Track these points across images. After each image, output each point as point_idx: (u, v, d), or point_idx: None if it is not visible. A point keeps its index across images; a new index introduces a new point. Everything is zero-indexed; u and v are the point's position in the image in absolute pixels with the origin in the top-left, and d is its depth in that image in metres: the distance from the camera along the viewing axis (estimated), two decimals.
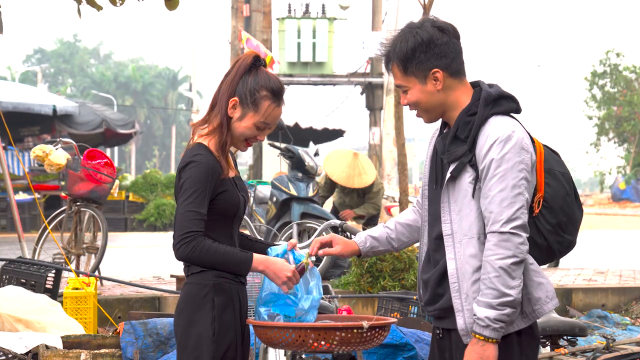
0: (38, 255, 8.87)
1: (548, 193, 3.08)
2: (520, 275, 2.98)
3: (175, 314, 3.33)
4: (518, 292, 2.97)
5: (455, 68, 3.10)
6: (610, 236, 21.23)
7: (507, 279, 2.95)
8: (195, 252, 3.14)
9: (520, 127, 3.08)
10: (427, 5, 8.11)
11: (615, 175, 43.63)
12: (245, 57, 3.35)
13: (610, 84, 43.44)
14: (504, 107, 3.09)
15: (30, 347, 6.09)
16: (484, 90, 3.10)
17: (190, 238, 3.14)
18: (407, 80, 3.12)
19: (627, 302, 9.28)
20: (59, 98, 24.44)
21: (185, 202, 3.17)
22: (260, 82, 3.30)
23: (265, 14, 23.39)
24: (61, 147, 8.97)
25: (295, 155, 9.72)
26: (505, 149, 2.99)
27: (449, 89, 3.10)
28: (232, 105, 3.30)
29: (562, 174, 3.12)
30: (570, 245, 3.15)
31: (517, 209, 2.97)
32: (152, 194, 22.95)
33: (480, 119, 3.05)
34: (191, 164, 3.22)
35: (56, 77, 70.82)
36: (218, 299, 3.26)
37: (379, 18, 23.55)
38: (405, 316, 6.63)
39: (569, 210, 3.11)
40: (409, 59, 3.09)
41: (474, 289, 3.03)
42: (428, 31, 3.08)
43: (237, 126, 3.31)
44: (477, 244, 3.04)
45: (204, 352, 3.22)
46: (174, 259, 3.24)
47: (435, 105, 3.12)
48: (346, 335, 3.19)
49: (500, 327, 2.98)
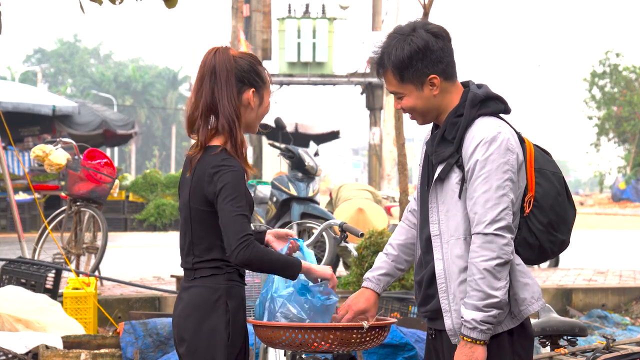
0: (38, 255, 8.88)
1: (539, 192, 3.09)
2: (506, 276, 2.99)
3: (180, 317, 3.27)
4: (504, 293, 2.98)
5: (450, 72, 3.13)
6: (610, 236, 21.23)
7: (492, 280, 2.96)
8: (255, 255, 3.11)
9: (508, 127, 3.09)
10: (427, 5, 8.10)
11: (616, 175, 43.61)
12: (218, 54, 3.26)
13: (610, 84, 43.41)
14: (492, 108, 3.11)
15: (30, 347, 6.09)
16: (471, 91, 3.12)
17: (248, 242, 3.11)
18: (403, 88, 3.13)
19: (627, 302, 9.29)
20: (59, 98, 24.43)
21: (234, 206, 3.13)
22: (249, 60, 3.28)
23: (265, 14, 23.39)
24: (61, 147, 8.97)
25: (295, 155, 9.72)
26: (490, 150, 3.00)
27: (445, 92, 3.13)
28: (252, 95, 3.26)
29: (553, 174, 3.14)
30: (563, 244, 3.15)
31: (501, 210, 2.98)
32: (152, 194, 22.94)
33: (467, 120, 3.07)
34: (225, 169, 3.17)
35: (56, 77, 70.77)
36: (231, 302, 3.23)
37: (379, 18, 23.55)
38: (405, 316, 6.64)
39: (561, 210, 3.12)
40: (405, 67, 3.09)
41: (461, 290, 3.05)
42: (423, 37, 3.08)
43: (260, 112, 3.31)
44: (463, 245, 3.06)
45: (218, 355, 3.20)
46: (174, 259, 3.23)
47: (431, 109, 3.15)
48: (346, 335, 3.19)
49: (487, 329, 2.99)
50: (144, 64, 74.81)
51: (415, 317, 6.59)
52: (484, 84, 3.18)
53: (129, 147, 55.41)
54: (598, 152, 44.54)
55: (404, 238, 3.39)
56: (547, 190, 3.10)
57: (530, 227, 3.09)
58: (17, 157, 19.64)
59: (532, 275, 3.11)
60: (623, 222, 27.77)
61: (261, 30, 23.03)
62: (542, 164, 3.13)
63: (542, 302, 3.11)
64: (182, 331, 3.26)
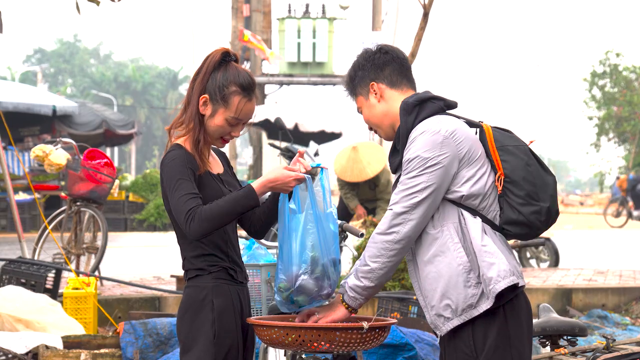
0: (38, 255, 8.88)
1: (507, 169, 3.17)
2: (392, 254, 3.11)
3: (177, 318, 3.33)
4: (381, 266, 3.13)
5: (394, 79, 3.28)
6: (610, 236, 21.23)
7: (375, 251, 3.14)
8: (203, 219, 3.12)
9: (444, 120, 3.17)
10: (427, 5, 8.09)
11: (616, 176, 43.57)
12: (214, 54, 3.33)
13: (610, 84, 43.38)
14: (429, 110, 3.21)
15: (30, 347, 6.09)
16: (402, 101, 3.24)
17: (190, 214, 3.12)
18: (358, 101, 3.36)
19: (627, 302, 9.29)
20: (59, 98, 24.42)
21: (173, 193, 3.17)
22: (229, 78, 3.29)
23: (265, 14, 23.40)
24: (61, 147, 8.96)
25: (295, 155, 9.70)
26: (415, 145, 3.12)
27: (390, 100, 3.28)
28: (202, 102, 3.30)
29: (515, 147, 3.21)
30: (550, 213, 3.18)
31: (409, 194, 3.10)
32: (152, 194, 22.94)
33: (405, 128, 3.19)
34: (165, 162, 3.24)
35: (56, 77, 70.76)
36: (217, 300, 3.26)
37: (379, 18, 23.55)
38: (405, 316, 6.64)
39: (535, 179, 3.17)
40: (352, 79, 3.34)
41: (428, 284, 3.17)
42: (363, 54, 3.33)
43: (210, 123, 3.31)
44: (423, 243, 3.17)
45: (205, 354, 3.22)
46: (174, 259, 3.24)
47: (380, 117, 3.29)
48: (346, 335, 3.19)
49: (353, 297, 3.19)
50: (144, 64, 74.80)
51: (415, 317, 6.59)
52: (423, 91, 3.30)
53: (129, 147, 55.39)
54: (598, 152, 44.50)
55: None
56: (514, 165, 3.17)
57: (510, 203, 3.16)
58: (17, 157, 19.65)
59: (501, 256, 3.11)
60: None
61: (261, 30, 23.04)
62: (502, 142, 3.21)
63: (511, 278, 3.10)
64: (177, 331, 3.33)
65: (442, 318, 3.15)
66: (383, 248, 3.12)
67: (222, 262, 3.30)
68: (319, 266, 3.23)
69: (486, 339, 3.11)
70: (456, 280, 3.11)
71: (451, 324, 3.14)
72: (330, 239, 3.27)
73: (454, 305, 3.12)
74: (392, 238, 3.11)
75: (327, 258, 3.25)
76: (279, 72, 23.44)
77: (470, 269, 3.11)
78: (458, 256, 3.11)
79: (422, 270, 3.18)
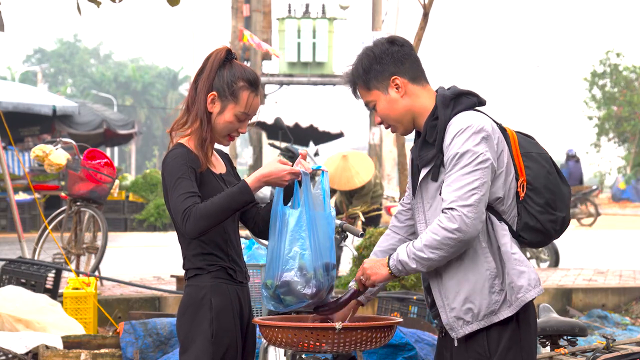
0: (38, 255, 8.88)
1: (529, 175, 3.17)
2: (446, 254, 3.05)
3: (177, 317, 3.34)
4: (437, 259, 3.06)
5: (414, 74, 3.21)
6: (610, 236, 21.22)
7: (437, 244, 3.04)
8: (199, 217, 3.12)
9: (483, 117, 3.15)
10: (427, 5, 8.09)
11: (616, 175, 43.58)
12: (217, 52, 3.34)
13: (610, 84, 43.39)
14: (465, 104, 3.18)
15: (30, 347, 6.09)
16: (439, 94, 3.20)
17: (187, 213, 3.13)
18: (371, 95, 3.23)
19: (627, 302, 9.29)
20: (59, 98, 24.42)
21: (173, 192, 3.18)
22: (237, 74, 3.30)
23: (265, 14, 23.41)
24: (61, 147, 8.96)
25: (295, 155, 9.72)
26: (462, 139, 3.07)
27: (413, 95, 3.21)
28: (210, 100, 3.30)
29: (539, 155, 3.20)
30: (564, 222, 3.20)
31: (468, 190, 3.03)
32: (152, 194, 22.92)
33: (443, 121, 3.14)
34: (166, 160, 3.25)
35: (56, 77, 70.75)
36: (216, 300, 3.26)
37: (379, 18, 23.55)
38: (405, 316, 6.64)
39: (554, 188, 3.18)
40: (367, 73, 3.21)
41: (450, 285, 3.13)
42: (378, 46, 3.22)
43: (218, 120, 3.31)
44: None
45: (203, 354, 3.22)
46: (174, 259, 3.25)
47: (402, 112, 3.22)
48: (347, 335, 3.18)
49: (399, 269, 3.11)
50: (144, 64, 74.79)
51: (415, 317, 6.59)
52: (453, 85, 3.26)
53: (129, 147, 55.39)
54: (598, 152, 44.51)
55: (386, 245, 3.44)
56: (537, 172, 3.17)
57: (529, 210, 3.15)
58: (17, 157, 19.64)
59: (529, 263, 3.14)
60: (623, 222, 27.75)
61: (261, 30, 23.05)
62: (527, 148, 3.20)
63: (539, 288, 3.13)
64: (177, 331, 3.33)
65: (462, 321, 3.13)
66: (445, 243, 3.04)
67: (221, 262, 3.30)
68: (307, 266, 3.21)
69: (500, 341, 3.12)
70: (482, 286, 3.10)
71: (470, 328, 3.12)
72: (324, 241, 3.25)
73: (476, 310, 3.11)
74: (457, 236, 3.02)
75: (319, 260, 3.22)
76: (279, 72, 23.44)
77: (496, 275, 3.11)
78: (486, 261, 3.10)
79: (446, 271, 3.14)
